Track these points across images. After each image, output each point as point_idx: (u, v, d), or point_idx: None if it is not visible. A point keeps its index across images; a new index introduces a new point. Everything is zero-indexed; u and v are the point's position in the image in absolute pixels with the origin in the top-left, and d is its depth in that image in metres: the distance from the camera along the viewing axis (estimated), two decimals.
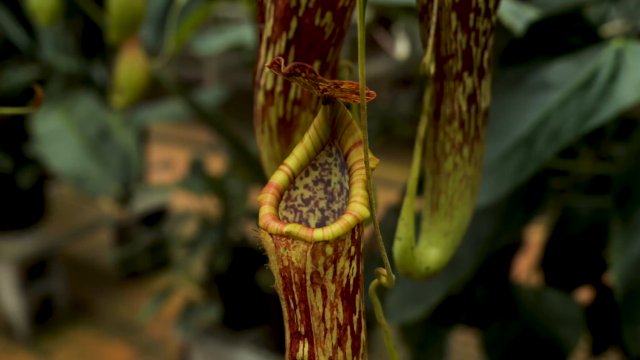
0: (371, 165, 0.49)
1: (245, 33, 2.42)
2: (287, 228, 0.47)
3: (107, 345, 2.93)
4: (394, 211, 2.29)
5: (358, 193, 0.48)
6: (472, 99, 0.63)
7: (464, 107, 0.63)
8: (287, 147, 0.67)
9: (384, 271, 0.52)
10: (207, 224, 2.64)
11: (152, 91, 2.30)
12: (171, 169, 3.31)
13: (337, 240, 0.47)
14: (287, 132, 0.66)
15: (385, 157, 1.24)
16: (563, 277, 1.92)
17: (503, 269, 1.86)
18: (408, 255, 0.63)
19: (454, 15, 0.60)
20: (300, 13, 0.60)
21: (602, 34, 1.33)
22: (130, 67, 1.56)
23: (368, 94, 0.47)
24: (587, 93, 1.20)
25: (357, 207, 0.48)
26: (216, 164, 3.18)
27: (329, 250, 0.47)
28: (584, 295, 1.99)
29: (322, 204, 0.55)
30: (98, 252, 3.62)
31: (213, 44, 2.47)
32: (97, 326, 3.08)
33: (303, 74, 0.44)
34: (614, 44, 1.28)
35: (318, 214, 0.55)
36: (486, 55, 0.63)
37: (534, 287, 1.82)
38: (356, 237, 0.49)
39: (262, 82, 0.65)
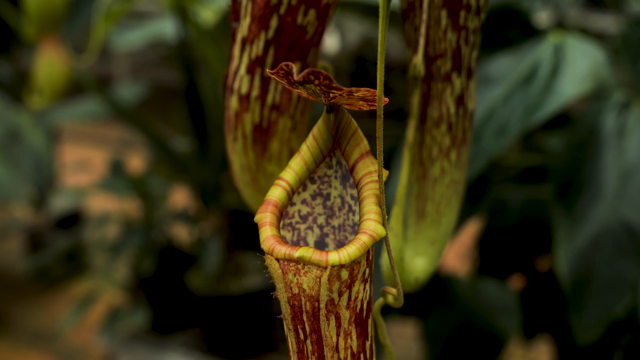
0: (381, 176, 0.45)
1: (165, 27, 2.31)
2: (299, 253, 0.42)
3: (23, 356, 2.77)
4: None
5: (371, 210, 0.44)
6: (460, 100, 0.60)
7: (452, 110, 0.60)
8: (262, 155, 0.62)
9: (391, 290, 0.49)
10: (130, 227, 2.53)
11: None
12: (88, 170, 3.15)
13: (352, 263, 0.43)
14: (263, 140, 0.61)
15: None
16: (496, 267, 1.95)
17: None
18: (397, 267, 0.60)
19: (444, 13, 0.56)
20: (282, 11, 0.55)
21: (537, 27, 1.35)
22: (50, 65, 1.45)
23: (374, 101, 0.43)
24: (530, 87, 1.21)
25: (372, 225, 0.43)
26: (135, 163, 3.05)
27: (345, 274, 0.43)
28: (515, 282, 2.03)
29: (321, 219, 0.50)
30: (9, 260, 3.41)
31: (131, 38, 2.35)
32: (11, 337, 2.90)
33: (317, 81, 0.39)
34: (551, 38, 1.29)
35: (317, 230, 0.50)
36: (474, 54, 0.60)
37: (470, 278, 1.84)
38: (370, 257, 0.45)
39: (235, 85, 0.59)
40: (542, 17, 1.67)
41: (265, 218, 0.45)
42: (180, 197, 2.78)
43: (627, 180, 1.25)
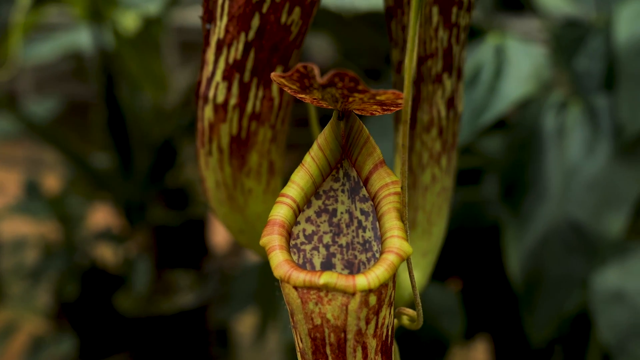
0: (398, 188, 0.41)
1: (80, 37, 2.19)
2: (324, 279, 0.37)
3: None
4: None
5: (394, 225, 0.40)
6: (450, 102, 0.57)
7: (443, 113, 0.56)
8: (240, 170, 0.56)
9: (408, 311, 0.44)
10: (49, 250, 2.38)
11: None
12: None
13: (381, 287, 0.38)
14: (241, 153, 0.55)
15: None
16: (435, 269, 1.94)
17: None
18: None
19: (435, 10, 0.53)
20: (265, 9, 0.49)
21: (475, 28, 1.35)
22: None
23: (396, 105, 0.39)
24: (474, 90, 1.20)
25: (398, 243, 0.39)
26: (49, 183, 2.88)
27: (373, 300, 0.38)
28: (453, 285, 2.03)
29: (327, 238, 0.45)
30: None
31: (42, 51, 2.21)
32: None
33: (340, 84, 0.35)
34: (490, 40, 1.29)
35: (323, 251, 0.45)
36: (463, 54, 0.57)
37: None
38: (394, 278, 0.40)
39: (210, 94, 0.54)
40: None
41: (273, 241, 0.40)
42: (101, 216, 2.64)
43: (571, 179, 1.26)
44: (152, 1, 1.44)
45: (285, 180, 0.45)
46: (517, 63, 1.23)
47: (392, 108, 0.39)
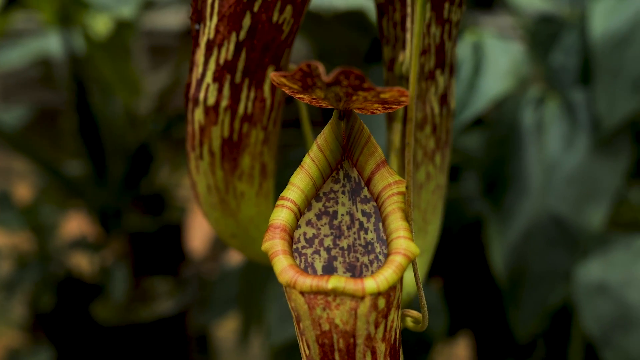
0: (401, 188, 0.40)
1: (49, 43, 2.15)
2: (332, 283, 0.36)
3: None
4: None
5: (399, 226, 0.39)
6: (443, 99, 0.56)
7: (437, 110, 0.56)
8: (232, 173, 0.55)
9: (413, 313, 0.44)
10: (23, 261, 2.33)
11: None
12: None
13: (389, 290, 0.37)
14: (233, 156, 0.54)
15: None
16: None
17: None
18: None
19: (427, 6, 0.52)
20: (256, 7, 0.48)
21: None
22: None
23: (399, 103, 0.38)
24: (455, 86, 1.20)
25: (405, 244, 0.38)
26: (20, 192, 2.83)
27: (382, 303, 0.37)
28: (434, 283, 2.04)
29: (328, 241, 0.44)
30: None
31: (10, 58, 2.17)
32: None
33: (345, 82, 0.34)
34: (467, 37, 1.30)
35: (324, 254, 0.44)
36: (455, 50, 0.56)
37: None
38: (401, 280, 0.39)
39: (200, 96, 0.52)
40: None
41: (276, 246, 0.39)
42: (76, 224, 2.59)
43: (551, 173, 1.27)
44: (126, 5, 1.42)
45: (279, 183, 0.44)
46: (495, 60, 1.24)
47: (393, 106, 0.38)
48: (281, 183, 0.62)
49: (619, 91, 1.24)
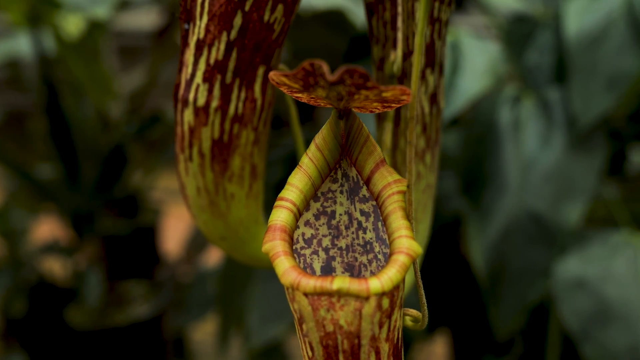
0: (401, 187, 0.40)
1: (17, 45, 2.11)
2: (337, 284, 0.35)
3: None
4: None
5: (401, 225, 0.38)
6: (433, 98, 0.56)
7: (427, 109, 0.56)
8: (222, 175, 0.54)
9: (412, 312, 0.43)
10: None
11: None
12: None
13: (394, 289, 0.37)
14: (223, 157, 0.53)
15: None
16: None
17: None
18: None
19: (417, 5, 0.52)
20: (247, 6, 0.48)
21: None
22: None
23: (399, 102, 0.38)
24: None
25: (408, 243, 0.38)
26: None
27: (386, 303, 0.37)
28: None
29: (326, 241, 0.44)
30: None
31: None
32: None
33: (349, 81, 0.33)
34: None
35: (322, 255, 0.44)
36: (444, 49, 0.56)
37: None
38: (404, 279, 0.39)
39: (190, 96, 0.51)
40: None
41: (276, 247, 0.38)
42: (47, 229, 2.55)
43: (528, 171, 1.28)
44: (100, 5, 1.39)
45: (272, 184, 0.44)
46: (472, 59, 1.24)
47: (393, 105, 0.38)
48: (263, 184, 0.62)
49: (594, 89, 1.25)
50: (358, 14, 1.19)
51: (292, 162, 1.38)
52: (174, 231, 2.79)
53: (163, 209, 2.53)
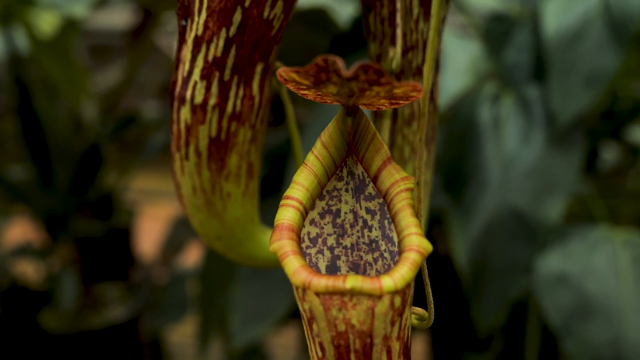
0: (409, 185, 0.40)
1: None
2: (350, 283, 0.35)
3: None
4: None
5: (410, 223, 0.38)
6: (430, 95, 0.56)
7: None
8: (219, 173, 0.53)
9: (418, 310, 0.43)
10: None
11: None
12: None
13: (405, 287, 0.37)
14: (220, 155, 0.52)
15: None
16: None
17: None
18: None
19: (415, 2, 0.52)
20: (247, 2, 0.47)
21: None
22: None
23: (408, 98, 0.37)
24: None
25: (418, 241, 0.37)
26: None
27: (398, 301, 0.37)
28: None
29: (331, 240, 0.43)
30: None
31: None
32: None
33: (363, 77, 0.33)
34: None
35: (327, 254, 0.43)
36: (441, 46, 0.56)
37: None
38: (414, 277, 0.39)
39: (187, 94, 0.50)
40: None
41: (285, 247, 0.38)
42: (20, 231, 2.50)
43: (509, 168, 1.29)
44: (77, 3, 1.37)
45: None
46: (453, 57, 1.25)
47: (401, 102, 0.38)
48: None
49: (572, 87, 1.27)
50: (341, 13, 1.18)
51: (274, 160, 1.37)
52: (149, 232, 2.76)
53: (138, 210, 2.50)
